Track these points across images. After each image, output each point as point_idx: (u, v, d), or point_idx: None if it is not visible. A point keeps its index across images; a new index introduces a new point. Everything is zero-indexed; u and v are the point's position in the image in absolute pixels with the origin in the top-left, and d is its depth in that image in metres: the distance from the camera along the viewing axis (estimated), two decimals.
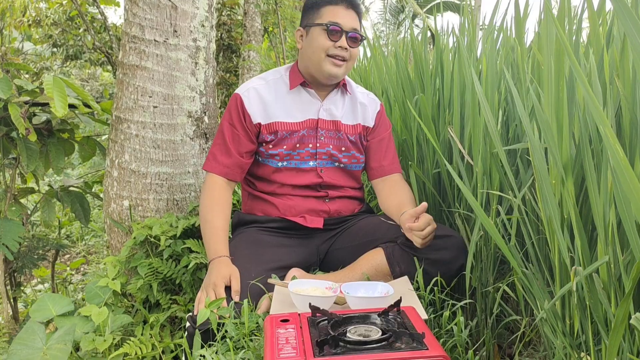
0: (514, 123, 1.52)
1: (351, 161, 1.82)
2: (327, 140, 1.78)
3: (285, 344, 1.02)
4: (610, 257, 0.89)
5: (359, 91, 1.89)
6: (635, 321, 0.72)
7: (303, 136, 1.75)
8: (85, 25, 3.38)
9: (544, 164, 1.02)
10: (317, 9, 1.70)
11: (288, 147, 1.74)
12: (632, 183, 0.71)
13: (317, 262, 1.77)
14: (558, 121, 0.94)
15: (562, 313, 1.08)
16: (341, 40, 1.67)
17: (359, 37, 1.71)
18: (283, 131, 1.73)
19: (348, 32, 1.68)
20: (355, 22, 1.70)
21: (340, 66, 1.71)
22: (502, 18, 1.71)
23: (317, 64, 1.70)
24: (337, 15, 1.68)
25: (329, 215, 1.79)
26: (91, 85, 7.98)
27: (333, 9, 1.68)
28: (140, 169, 1.94)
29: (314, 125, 1.76)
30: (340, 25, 1.67)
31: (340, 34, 1.67)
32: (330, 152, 1.78)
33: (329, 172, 1.79)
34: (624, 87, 0.87)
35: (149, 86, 1.91)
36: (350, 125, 1.82)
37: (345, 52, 1.69)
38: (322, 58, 1.69)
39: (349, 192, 1.85)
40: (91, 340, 1.51)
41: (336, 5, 1.68)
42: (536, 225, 1.25)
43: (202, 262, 1.77)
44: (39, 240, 2.33)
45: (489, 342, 1.51)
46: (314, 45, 1.70)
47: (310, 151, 1.76)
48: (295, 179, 1.76)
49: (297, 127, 1.75)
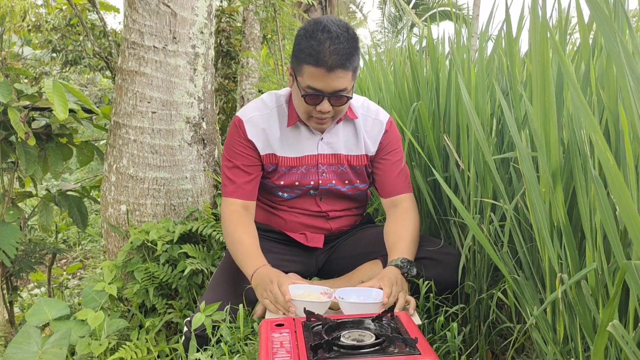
0: (509, 132, 1.54)
1: (355, 192, 1.75)
2: (329, 175, 1.69)
3: (280, 348, 1.03)
4: (597, 264, 0.91)
5: (363, 113, 1.72)
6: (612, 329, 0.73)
7: (302, 174, 1.67)
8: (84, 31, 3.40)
9: (533, 172, 1.04)
10: (299, 63, 1.47)
11: (286, 183, 1.67)
12: (621, 190, 0.72)
13: (315, 271, 1.77)
14: (545, 129, 0.96)
15: (553, 320, 1.09)
16: (322, 104, 1.49)
17: (344, 98, 1.50)
18: (282, 166, 1.66)
19: (328, 95, 1.47)
20: (340, 82, 1.45)
21: (325, 123, 1.58)
22: (499, 27, 1.73)
23: (303, 118, 1.60)
24: (317, 79, 1.45)
25: (330, 232, 1.77)
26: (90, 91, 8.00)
27: (313, 72, 1.44)
28: (138, 174, 1.95)
29: (314, 161, 1.67)
30: (320, 90, 1.46)
31: (320, 99, 1.48)
32: (332, 188, 1.70)
33: (329, 200, 1.74)
34: (609, 98, 0.89)
35: (147, 92, 1.93)
36: (353, 155, 1.70)
37: (327, 114, 1.52)
38: (305, 118, 1.58)
39: (352, 211, 1.81)
40: (87, 344, 1.52)
41: (317, 67, 1.42)
42: (529, 232, 1.26)
43: (198, 268, 1.78)
44: (36, 245, 2.34)
45: (482, 348, 1.52)
46: (297, 101, 1.57)
47: (312, 188, 1.69)
48: (298, 204, 1.73)
49: (296, 162, 1.66)
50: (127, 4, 1.94)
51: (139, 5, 1.91)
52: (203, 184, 2.10)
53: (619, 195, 0.74)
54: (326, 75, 1.43)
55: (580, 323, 0.98)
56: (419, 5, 18.58)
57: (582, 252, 1.02)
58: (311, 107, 1.51)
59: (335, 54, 1.41)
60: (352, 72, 1.48)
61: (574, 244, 1.00)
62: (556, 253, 1.03)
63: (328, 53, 1.41)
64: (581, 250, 1.03)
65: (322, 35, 1.42)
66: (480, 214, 1.51)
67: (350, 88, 1.50)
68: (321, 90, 1.46)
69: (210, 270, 1.84)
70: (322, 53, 1.41)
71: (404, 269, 1.47)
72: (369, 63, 2.79)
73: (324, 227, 1.75)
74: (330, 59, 1.41)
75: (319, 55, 1.41)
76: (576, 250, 1.00)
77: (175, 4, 1.94)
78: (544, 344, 1.13)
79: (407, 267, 1.48)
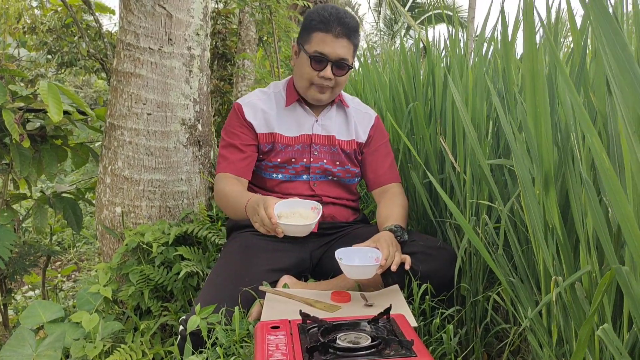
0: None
1: (345, 175, 1.84)
2: (321, 154, 1.80)
3: (275, 351, 1.03)
4: (591, 266, 0.91)
5: (354, 106, 1.89)
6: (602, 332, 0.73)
7: (297, 151, 1.78)
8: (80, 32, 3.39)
9: (528, 174, 1.04)
10: (308, 33, 1.67)
11: (282, 160, 1.77)
12: (617, 191, 0.72)
13: (309, 268, 1.78)
14: (537, 132, 0.96)
15: (548, 322, 1.09)
16: (325, 70, 1.66)
17: (346, 66, 1.68)
18: (279, 143, 1.76)
19: (334, 61, 1.65)
20: (344, 50, 1.66)
21: (325, 93, 1.72)
22: (493, 30, 1.74)
23: (303, 88, 1.73)
24: (324, 43, 1.64)
25: (322, 218, 1.80)
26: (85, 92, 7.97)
27: (322, 37, 1.64)
28: (133, 176, 1.95)
29: (308, 140, 1.79)
30: (327, 55, 1.64)
31: (325, 64, 1.66)
32: (324, 167, 1.80)
33: (322, 186, 1.82)
34: (599, 102, 0.89)
35: (143, 93, 1.93)
36: (345, 140, 1.83)
37: (329, 82, 1.69)
38: (307, 85, 1.71)
39: (344, 201, 1.87)
40: (81, 347, 1.51)
41: (326, 33, 1.63)
42: (524, 234, 1.26)
43: (193, 270, 1.77)
44: (31, 247, 2.32)
45: (478, 350, 1.52)
46: (301, 70, 1.71)
47: (304, 165, 1.79)
48: (290, 189, 1.79)
49: (292, 141, 1.77)
50: (123, 5, 1.94)
51: (134, 7, 1.90)
52: (198, 186, 2.09)
53: (614, 196, 0.75)
54: (333, 41, 1.63)
55: (575, 325, 0.98)
56: (415, 8, 18.64)
57: (576, 255, 1.02)
58: (315, 73, 1.67)
59: (342, 24, 1.63)
60: (354, 48, 1.69)
61: (569, 247, 1.00)
62: (551, 255, 1.03)
63: (337, 22, 1.63)
64: (576, 253, 1.03)
65: (332, 9, 1.65)
66: (476, 216, 1.52)
67: (350, 62, 1.69)
68: (327, 55, 1.64)
69: (205, 272, 1.84)
70: (332, 22, 1.63)
71: (397, 233, 1.58)
72: (365, 65, 2.79)
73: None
74: (338, 27, 1.63)
75: (329, 23, 1.63)
76: (571, 252, 1.01)
77: (171, 5, 1.93)
78: (539, 346, 1.14)
79: (400, 232, 1.59)
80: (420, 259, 1.56)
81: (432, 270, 1.55)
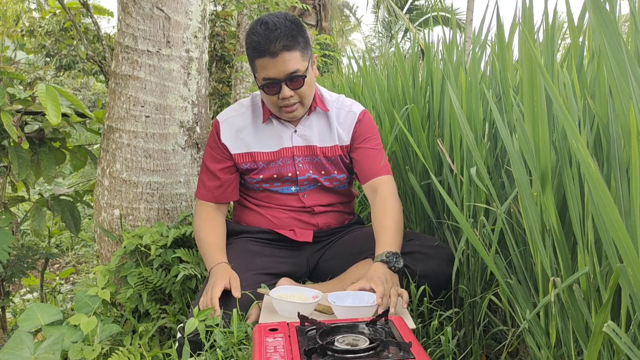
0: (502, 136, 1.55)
1: (333, 183, 1.80)
2: (306, 165, 1.75)
3: (274, 353, 1.03)
4: (590, 267, 0.91)
5: (337, 106, 1.79)
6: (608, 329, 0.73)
7: (279, 167, 1.74)
8: (78, 35, 3.39)
9: (525, 176, 1.05)
10: (252, 62, 1.60)
11: (265, 177, 1.74)
12: (604, 195, 0.73)
13: (306, 272, 1.78)
14: (535, 134, 0.97)
15: (546, 323, 1.10)
16: (282, 91, 1.57)
17: (299, 78, 1.57)
18: (260, 161, 1.73)
19: (284, 79, 1.56)
20: (289, 64, 1.53)
21: (295, 109, 1.65)
22: (492, 31, 1.74)
23: (275, 112, 1.69)
24: (266, 68, 1.54)
25: (318, 228, 1.79)
26: (84, 95, 7.97)
27: (262, 63, 1.54)
28: (131, 178, 1.95)
29: (289, 153, 1.74)
30: (274, 77, 1.55)
31: (278, 87, 1.57)
32: (310, 178, 1.76)
33: (312, 195, 1.78)
34: (599, 105, 0.90)
35: (141, 96, 1.93)
36: (327, 147, 1.76)
37: (292, 99, 1.61)
38: (276, 109, 1.67)
39: (338, 207, 1.85)
40: (79, 350, 1.50)
41: (263, 57, 1.53)
42: (521, 236, 1.27)
43: (191, 272, 1.77)
44: (29, 249, 2.32)
45: (476, 352, 1.52)
46: (264, 98, 1.67)
47: (290, 179, 1.76)
48: (281, 200, 1.78)
49: (273, 157, 1.73)
50: (121, 8, 1.94)
51: (132, 10, 1.90)
52: None
53: (602, 201, 0.74)
54: (273, 62, 1.52)
55: (573, 326, 0.98)
56: (413, 10, 18.66)
57: (574, 256, 1.03)
58: (274, 97, 1.60)
59: (274, 40, 1.50)
60: (300, 52, 1.55)
61: (566, 248, 1.00)
62: (549, 257, 1.03)
63: (267, 41, 1.51)
64: (573, 254, 1.04)
65: (260, 29, 1.52)
66: (474, 218, 1.52)
67: (303, 69, 1.57)
68: (275, 78, 1.55)
69: (203, 274, 1.84)
70: (263, 43, 1.51)
71: (390, 263, 1.48)
72: (363, 67, 2.80)
73: (310, 223, 1.79)
74: (271, 45, 1.50)
75: (261, 46, 1.52)
76: (568, 253, 1.01)
77: (169, 8, 1.94)
78: (537, 348, 1.14)
79: (393, 261, 1.48)
80: (417, 258, 1.56)
81: (429, 269, 1.55)
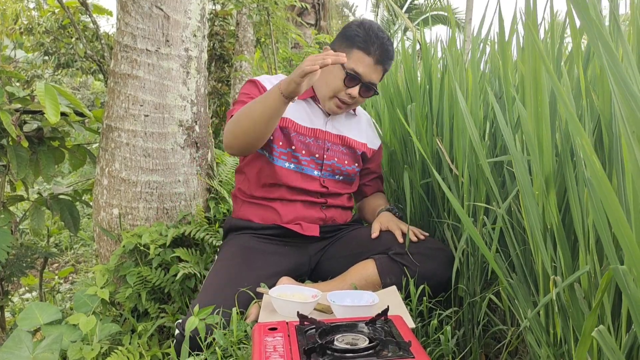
0: (502, 135, 1.55)
1: (352, 174, 1.86)
2: (333, 153, 1.80)
3: (273, 352, 1.02)
4: (590, 266, 0.91)
5: (366, 118, 1.93)
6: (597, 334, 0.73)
7: (309, 144, 1.76)
8: (77, 34, 3.38)
9: (527, 175, 1.04)
10: (350, 46, 1.65)
11: (296, 149, 1.74)
12: (608, 194, 0.72)
13: (308, 271, 1.78)
14: (538, 133, 0.96)
15: (546, 322, 1.09)
16: (354, 89, 1.67)
17: (373, 90, 1.70)
18: (292, 129, 1.73)
19: (365, 83, 1.66)
20: (377, 76, 1.68)
21: (342, 109, 1.74)
22: (492, 30, 1.74)
23: (324, 96, 1.73)
24: (363, 64, 1.64)
25: (324, 222, 1.80)
26: (82, 94, 7.96)
27: (362, 57, 1.64)
28: (130, 178, 1.94)
29: (322, 136, 1.78)
30: (361, 75, 1.65)
31: (356, 83, 1.66)
32: (334, 165, 1.80)
33: (330, 184, 1.82)
34: (602, 103, 0.89)
35: (140, 95, 1.92)
36: (357, 141, 1.85)
37: (352, 100, 1.70)
38: (330, 96, 1.71)
39: (345, 200, 1.88)
40: (78, 349, 1.50)
41: (367, 55, 1.64)
42: (522, 235, 1.26)
43: (191, 272, 1.77)
44: (28, 249, 2.31)
45: (476, 352, 1.52)
46: (329, 79, 1.69)
47: (316, 161, 1.78)
48: (300, 182, 1.76)
49: (305, 131, 1.75)
50: (120, 6, 1.94)
51: (131, 8, 1.90)
52: (196, 188, 2.09)
53: (606, 199, 0.74)
54: (371, 66, 1.65)
55: (574, 325, 0.98)
56: (412, 9, 18.66)
57: (575, 255, 1.02)
58: (344, 88, 1.67)
59: (385, 52, 1.65)
60: (384, 73, 1.72)
61: (567, 247, 1.00)
62: (549, 256, 1.03)
63: (380, 48, 1.64)
64: (574, 253, 1.03)
65: (379, 33, 1.65)
66: (474, 218, 1.52)
67: (377, 87, 1.72)
68: (361, 76, 1.65)
69: (203, 274, 1.83)
70: (377, 47, 1.63)
71: (393, 211, 1.80)
72: None
73: (319, 217, 1.79)
74: (380, 53, 1.64)
75: (374, 47, 1.63)
76: (569, 252, 1.01)
77: (168, 7, 1.93)
78: (537, 347, 1.14)
79: (394, 210, 1.81)
80: (417, 259, 1.56)
81: (429, 271, 1.55)
